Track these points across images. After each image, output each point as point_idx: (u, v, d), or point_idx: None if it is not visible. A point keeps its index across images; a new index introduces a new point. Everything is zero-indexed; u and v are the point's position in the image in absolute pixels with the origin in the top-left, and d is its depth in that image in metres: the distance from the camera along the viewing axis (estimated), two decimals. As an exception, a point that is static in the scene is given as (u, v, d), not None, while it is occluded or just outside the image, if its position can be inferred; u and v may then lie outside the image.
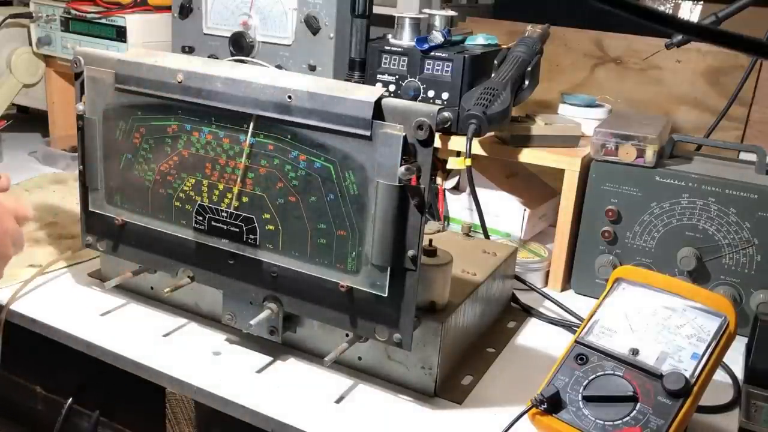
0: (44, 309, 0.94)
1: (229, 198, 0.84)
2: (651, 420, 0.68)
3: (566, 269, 1.11)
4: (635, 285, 0.78)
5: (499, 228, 1.22)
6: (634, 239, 1.05)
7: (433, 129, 0.71)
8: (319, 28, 1.20)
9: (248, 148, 0.81)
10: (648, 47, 1.49)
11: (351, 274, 0.79)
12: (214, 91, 0.82)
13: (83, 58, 0.91)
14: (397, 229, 0.74)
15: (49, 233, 1.15)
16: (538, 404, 0.71)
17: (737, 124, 1.43)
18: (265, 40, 1.26)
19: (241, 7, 1.27)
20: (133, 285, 0.99)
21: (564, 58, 1.57)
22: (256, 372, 0.85)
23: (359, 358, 0.85)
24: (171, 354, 0.87)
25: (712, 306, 0.73)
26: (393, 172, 0.73)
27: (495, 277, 0.96)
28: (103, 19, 1.41)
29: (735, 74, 1.40)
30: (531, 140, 1.12)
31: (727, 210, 0.98)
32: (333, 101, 0.76)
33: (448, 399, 0.82)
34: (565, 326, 1.01)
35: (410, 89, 1.16)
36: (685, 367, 0.70)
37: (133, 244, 0.93)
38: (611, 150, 1.04)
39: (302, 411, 0.78)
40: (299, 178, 0.79)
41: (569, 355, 0.75)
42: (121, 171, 0.92)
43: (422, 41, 1.15)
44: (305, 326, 0.88)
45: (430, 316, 0.81)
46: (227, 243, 0.86)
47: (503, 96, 1.05)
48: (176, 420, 0.85)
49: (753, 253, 0.98)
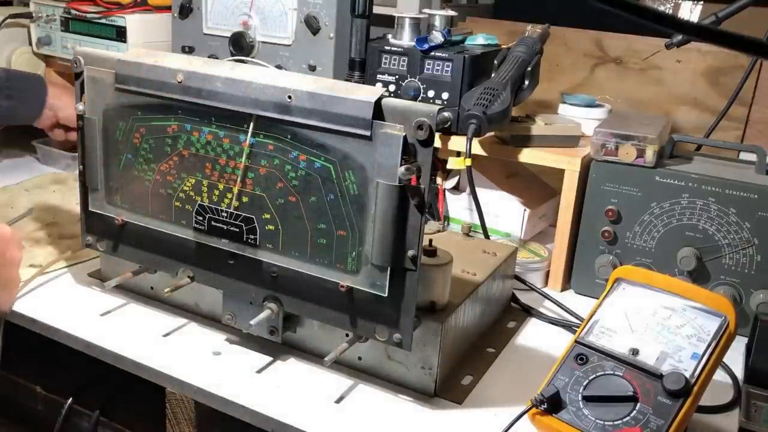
0: (44, 309, 0.94)
1: (229, 198, 0.84)
2: (651, 420, 0.68)
3: (566, 269, 1.11)
4: (635, 285, 0.78)
5: (499, 228, 1.22)
6: (634, 239, 1.05)
7: (433, 129, 0.71)
8: (319, 28, 1.20)
9: (248, 148, 0.81)
10: (648, 47, 1.49)
11: (351, 274, 0.79)
12: (214, 91, 0.82)
13: (83, 58, 0.91)
14: (397, 229, 0.74)
15: (49, 233, 1.15)
16: (538, 404, 0.71)
17: (737, 124, 1.43)
18: (265, 40, 1.26)
19: (241, 7, 1.27)
20: (133, 285, 0.99)
21: (564, 58, 1.57)
22: (256, 372, 0.85)
23: (359, 358, 0.85)
24: (171, 354, 0.87)
25: (712, 306, 0.73)
26: (393, 172, 0.73)
27: (495, 277, 0.96)
28: (103, 19, 1.41)
29: (735, 74, 1.40)
30: (531, 140, 1.12)
31: (727, 210, 0.98)
32: (333, 101, 0.76)
33: (448, 399, 0.82)
34: (565, 326, 1.01)
35: (410, 89, 1.16)
36: (685, 367, 0.70)
37: (133, 244, 0.93)
38: (611, 150, 1.04)
39: (302, 411, 0.78)
40: (299, 178, 0.79)
41: (569, 355, 0.75)
42: (121, 171, 0.92)
43: (422, 41, 1.15)
44: (305, 326, 0.88)
45: (430, 316, 0.81)
46: (227, 243, 0.86)
47: (503, 96, 1.05)
48: (176, 420, 0.85)
49: (753, 253, 0.98)
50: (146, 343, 0.89)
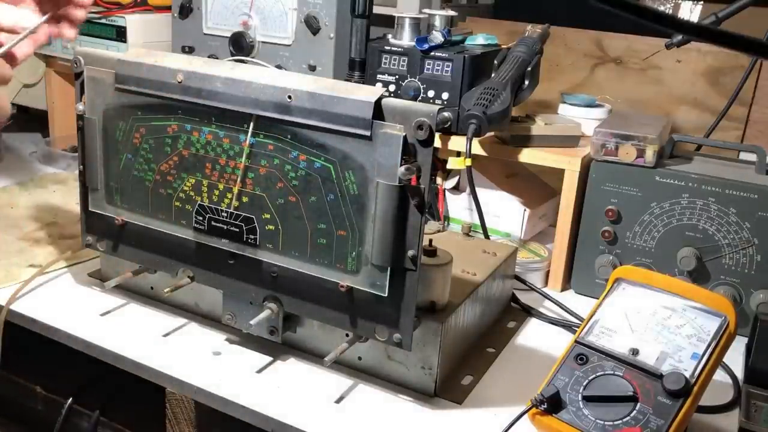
0: (44, 309, 0.94)
1: (229, 198, 0.84)
2: (651, 420, 0.68)
3: (566, 269, 1.11)
4: (635, 285, 0.78)
5: (499, 228, 1.22)
6: (634, 239, 1.05)
7: (433, 129, 0.71)
8: (319, 28, 1.20)
9: (248, 148, 0.81)
10: (648, 47, 1.49)
11: (351, 274, 0.79)
12: (214, 91, 0.82)
13: (83, 58, 0.91)
14: (397, 229, 0.74)
15: (49, 233, 1.15)
16: (538, 404, 0.71)
17: (737, 124, 1.43)
18: (265, 40, 1.26)
19: (241, 7, 1.27)
20: (133, 285, 0.99)
21: (564, 58, 1.57)
22: (256, 372, 0.85)
23: (359, 358, 0.85)
24: (171, 354, 0.87)
25: (712, 306, 0.73)
26: (393, 172, 0.73)
27: (495, 277, 0.96)
28: (103, 19, 1.40)
29: (735, 74, 1.40)
30: (531, 140, 1.12)
31: (727, 210, 0.98)
32: (333, 101, 0.76)
33: (448, 399, 0.82)
34: (565, 326, 1.01)
35: (410, 89, 1.16)
36: (685, 367, 0.70)
37: (133, 244, 0.93)
38: (611, 150, 1.04)
39: (302, 411, 0.78)
40: (299, 178, 0.79)
41: (569, 355, 0.75)
42: (121, 171, 0.92)
43: (422, 41, 1.15)
44: (305, 326, 0.88)
45: (430, 316, 0.81)
46: (227, 243, 0.86)
47: (503, 96, 1.05)
48: (176, 420, 0.85)
49: (753, 253, 0.98)
50: (146, 343, 0.88)
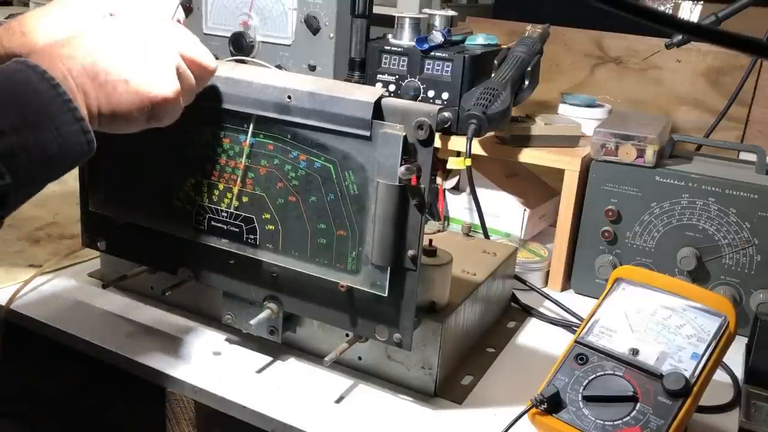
0: (44, 309, 0.94)
1: (229, 198, 0.84)
2: (651, 420, 0.68)
3: (566, 269, 1.11)
4: (635, 285, 0.78)
5: (499, 228, 1.22)
6: (634, 239, 1.05)
7: (433, 129, 0.71)
8: (319, 28, 1.20)
9: (248, 148, 0.81)
10: (648, 47, 1.49)
11: (351, 274, 0.79)
12: (214, 91, 0.82)
13: (83, 58, 0.91)
14: (397, 229, 0.74)
15: (49, 233, 1.15)
16: (538, 404, 0.71)
17: (737, 124, 1.43)
18: (265, 40, 1.26)
19: (241, 7, 1.27)
20: (133, 285, 0.99)
21: (564, 58, 1.57)
22: (256, 372, 0.85)
23: (359, 358, 0.85)
24: (171, 354, 0.87)
25: (712, 306, 0.73)
26: (393, 172, 0.73)
27: (495, 277, 0.96)
28: (103, 19, 1.40)
29: (735, 74, 1.40)
30: (531, 140, 1.12)
31: (727, 210, 0.98)
32: (333, 101, 0.76)
33: (448, 399, 0.82)
34: (565, 326, 1.01)
35: (410, 89, 1.16)
36: (685, 367, 0.70)
37: (133, 244, 0.93)
38: (611, 150, 1.04)
39: (302, 411, 0.78)
40: (299, 178, 0.79)
41: (569, 355, 0.75)
42: (121, 171, 0.91)
43: (422, 41, 1.15)
44: (305, 326, 0.88)
45: (430, 316, 0.81)
46: (227, 243, 0.86)
47: (503, 96, 1.05)
48: (176, 420, 0.85)
49: (753, 253, 0.98)
50: (146, 343, 0.88)
